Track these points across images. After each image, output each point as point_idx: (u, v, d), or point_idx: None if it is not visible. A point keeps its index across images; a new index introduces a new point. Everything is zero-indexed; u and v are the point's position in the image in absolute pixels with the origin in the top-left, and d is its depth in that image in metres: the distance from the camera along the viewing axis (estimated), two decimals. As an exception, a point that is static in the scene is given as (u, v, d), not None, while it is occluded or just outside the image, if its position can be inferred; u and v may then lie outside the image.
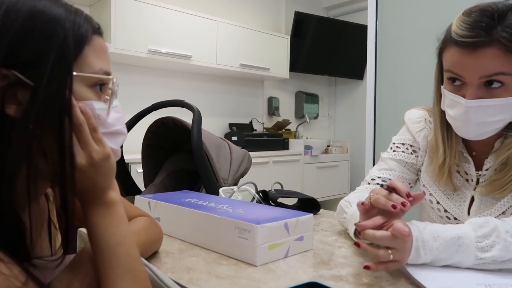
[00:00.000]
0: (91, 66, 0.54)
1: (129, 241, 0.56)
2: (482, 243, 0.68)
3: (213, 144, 1.31)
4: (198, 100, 3.52)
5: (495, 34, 0.73)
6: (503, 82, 0.75)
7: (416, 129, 1.01)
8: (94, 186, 0.54)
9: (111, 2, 2.69)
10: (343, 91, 4.81)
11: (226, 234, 0.78)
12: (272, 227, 0.75)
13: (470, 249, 0.68)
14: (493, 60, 0.73)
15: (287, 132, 4.14)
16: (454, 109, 0.81)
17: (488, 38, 0.73)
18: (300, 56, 4.19)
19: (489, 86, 0.76)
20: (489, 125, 0.79)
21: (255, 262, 0.73)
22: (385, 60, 2.18)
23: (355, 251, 0.83)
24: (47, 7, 0.50)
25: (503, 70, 0.74)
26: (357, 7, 4.41)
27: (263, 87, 4.20)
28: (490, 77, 0.75)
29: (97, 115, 0.55)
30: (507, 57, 0.73)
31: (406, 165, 1.00)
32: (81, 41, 0.53)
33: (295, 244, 0.80)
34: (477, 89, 0.77)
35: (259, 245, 0.73)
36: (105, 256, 0.53)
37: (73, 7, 0.54)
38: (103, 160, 0.53)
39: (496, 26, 0.73)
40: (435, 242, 0.68)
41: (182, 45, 3.09)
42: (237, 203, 0.94)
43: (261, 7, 4.15)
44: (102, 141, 0.53)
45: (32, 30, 0.48)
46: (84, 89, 0.54)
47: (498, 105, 0.76)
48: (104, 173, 0.54)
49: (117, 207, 0.56)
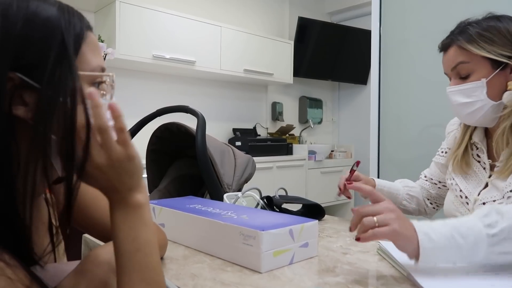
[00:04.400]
0: (89, 63, 0.54)
1: (149, 249, 0.54)
2: (487, 221, 0.70)
3: (217, 150, 1.31)
4: (202, 105, 3.53)
5: (454, 39, 1.01)
6: (468, 70, 0.99)
7: (448, 131, 1.23)
8: (117, 187, 0.53)
9: (115, 8, 2.71)
10: (347, 96, 4.80)
11: (230, 240, 0.78)
12: (277, 234, 0.74)
13: (478, 228, 0.69)
14: (453, 55, 1.01)
15: (291, 137, 4.14)
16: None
17: (451, 40, 1.02)
18: (304, 61, 4.19)
19: (463, 78, 1.00)
20: (468, 106, 1.00)
21: (260, 269, 0.73)
22: (388, 65, 2.17)
23: (360, 258, 0.82)
24: (41, 8, 0.50)
25: (460, 59, 0.99)
26: (361, 12, 4.41)
27: (267, 92, 4.21)
28: (455, 69, 1.01)
29: None
30: (462, 52, 0.99)
31: (437, 164, 1.24)
32: (78, 39, 0.52)
33: (300, 250, 0.79)
34: (454, 80, 1.02)
35: (264, 251, 0.72)
36: (122, 261, 0.52)
37: (64, 5, 0.54)
38: (124, 161, 0.52)
39: (458, 32, 1.01)
40: (443, 228, 0.70)
41: (186, 51, 3.11)
42: (241, 209, 0.94)
43: (265, 12, 4.16)
44: (126, 142, 0.52)
45: (31, 32, 0.48)
46: (86, 88, 0.53)
47: (468, 88, 0.99)
48: (127, 174, 0.53)
49: (142, 211, 0.54)
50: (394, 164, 2.10)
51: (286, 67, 3.90)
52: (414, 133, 2.03)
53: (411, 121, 2.05)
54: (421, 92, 2.02)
